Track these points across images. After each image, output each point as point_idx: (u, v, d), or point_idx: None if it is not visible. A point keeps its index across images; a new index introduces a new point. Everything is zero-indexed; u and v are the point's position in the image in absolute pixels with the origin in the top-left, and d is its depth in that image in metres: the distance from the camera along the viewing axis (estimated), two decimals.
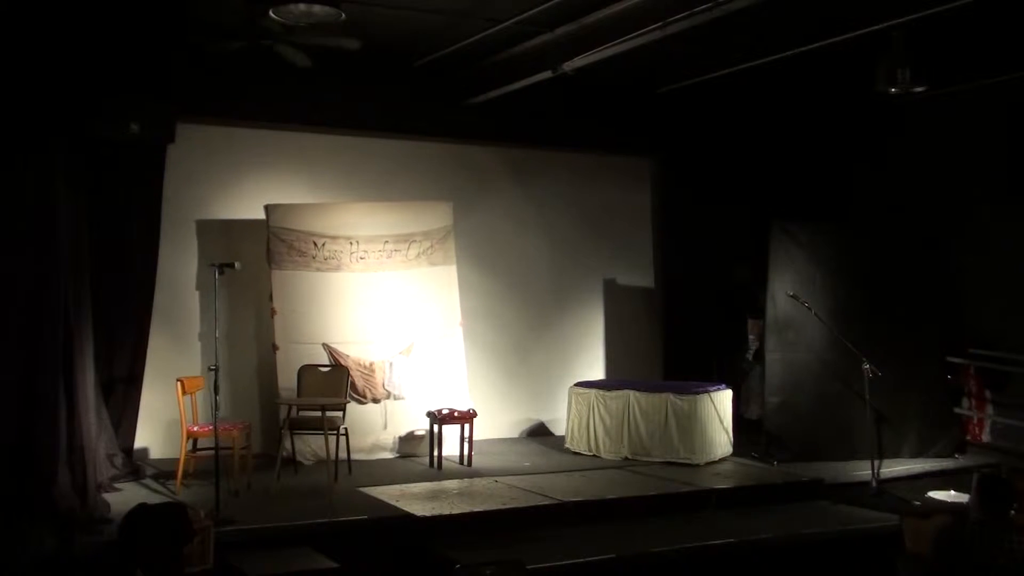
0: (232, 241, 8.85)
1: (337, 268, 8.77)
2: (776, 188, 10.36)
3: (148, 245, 8.31)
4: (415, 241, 9.02)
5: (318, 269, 8.71)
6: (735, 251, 10.06)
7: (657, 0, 6.99)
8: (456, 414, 8.59)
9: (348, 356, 8.61)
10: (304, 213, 8.76)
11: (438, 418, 8.49)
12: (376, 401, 8.75)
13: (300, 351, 8.47)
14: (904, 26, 7.45)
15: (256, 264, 8.67)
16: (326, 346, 8.61)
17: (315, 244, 8.70)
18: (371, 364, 8.71)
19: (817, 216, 9.80)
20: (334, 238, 8.76)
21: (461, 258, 9.49)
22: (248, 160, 9.10)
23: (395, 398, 8.82)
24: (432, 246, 9.09)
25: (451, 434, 8.68)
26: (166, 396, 7.89)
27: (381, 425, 8.75)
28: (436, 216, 9.16)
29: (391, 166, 9.67)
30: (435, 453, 8.44)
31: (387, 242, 8.92)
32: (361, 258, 8.84)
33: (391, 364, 8.81)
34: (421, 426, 8.75)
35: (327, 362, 8.53)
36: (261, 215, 8.74)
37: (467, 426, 8.60)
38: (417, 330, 8.96)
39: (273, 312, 8.59)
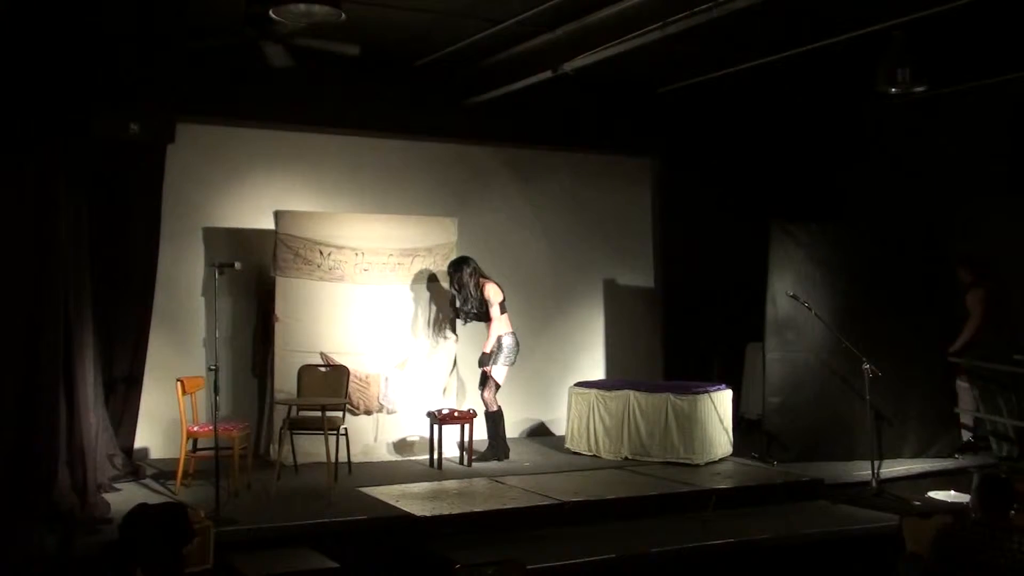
0: (237, 245, 8.84)
1: (341, 279, 8.75)
2: (776, 188, 10.37)
3: (148, 245, 8.31)
4: (419, 256, 9.01)
5: (321, 279, 8.69)
6: (735, 251, 10.05)
7: (657, 0, 6.99)
8: (456, 414, 8.60)
9: (345, 367, 8.58)
10: (312, 221, 8.75)
11: (438, 418, 8.50)
12: (368, 413, 8.75)
13: (297, 359, 8.45)
14: (904, 26, 7.44)
15: (254, 269, 8.69)
16: (323, 355, 8.60)
17: (321, 253, 8.68)
18: (367, 376, 8.70)
19: (817, 216, 9.80)
20: (340, 248, 8.74)
21: None
22: (248, 160, 9.10)
23: (388, 412, 8.82)
24: (435, 263, 9.08)
25: (451, 434, 8.68)
26: (166, 396, 7.90)
27: (372, 438, 8.76)
28: (441, 232, 9.15)
29: (391, 166, 9.67)
30: (435, 454, 8.45)
31: (391, 255, 8.91)
32: (365, 270, 8.82)
33: (387, 378, 8.82)
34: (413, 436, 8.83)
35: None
36: (263, 219, 8.76)
37: (467, 426, 8.61)
38: (414, 345, 8.97)
39: (276, 319, 8.59)
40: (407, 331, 8.96)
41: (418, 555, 6.35)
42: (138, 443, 8.28)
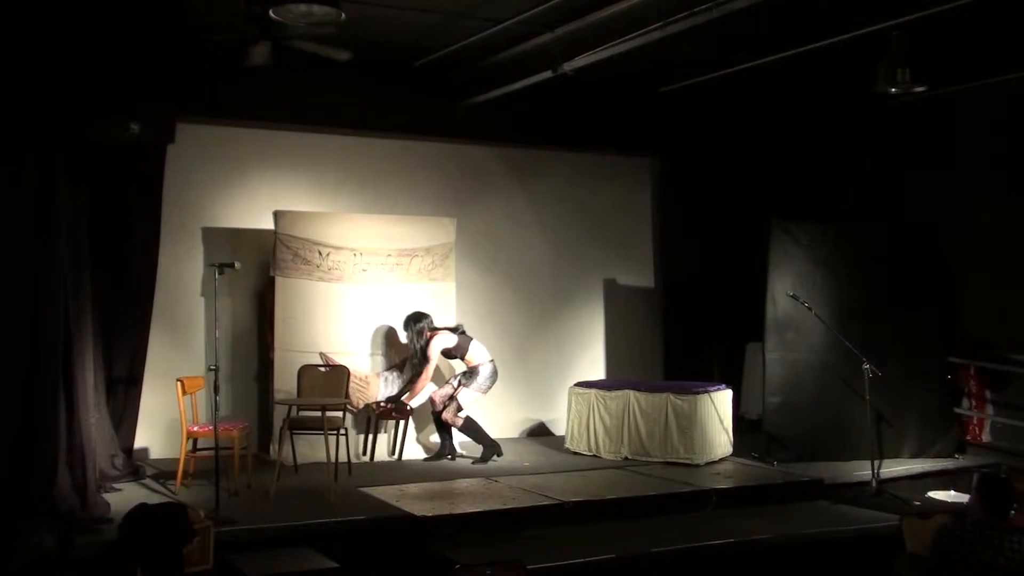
0: (236, 245, 8.84)
1: (339, 279, 8.76)
2: (776, 188, 10.37)
3: (148, 245, 8.32)
4: (417, 256, 9.02)
5: (320, 279, 8.70)
6: (735, 251, 10.05)
7: (657, 0, 6.99)
8: (392, 408, 8.61)
9: (344, 367, 8.57)
10: (311, 221, 8.76)
11: (376, 411, 8.57)
12: None
13: (297, 359, 8.46)
14: (904, 26, 7.45)
15: (254, 269, 8.68)
16: (323, 355, 8.61)
17: (320, 253, 8.69)
18: (366, 377, 8.73)
19: (817, 216, 9.81)
20: (339, 248, 8.74)
21: (461, 258, 9.50)
22: (248, 160, 9.11)
23: None
24: (433, 263, 9.09)
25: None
26: (166, 396, 7.90)
27: (372, 438, 8.76)
28: (439, 232, 9.16)
29: (390, 166, 9.67)
30: (369, 446, 8.62)
31: (389, 255, 8.91)
32: (363, 270, 8.83)
33: (386, 378, 8.85)
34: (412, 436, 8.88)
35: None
36: (264, 219, 8.76)
37: (402, 422, 8.70)
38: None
39: (275, 319, 8.58)
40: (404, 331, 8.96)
41: (418, 555, 6.35)
42: (138, 443, 8.28)
